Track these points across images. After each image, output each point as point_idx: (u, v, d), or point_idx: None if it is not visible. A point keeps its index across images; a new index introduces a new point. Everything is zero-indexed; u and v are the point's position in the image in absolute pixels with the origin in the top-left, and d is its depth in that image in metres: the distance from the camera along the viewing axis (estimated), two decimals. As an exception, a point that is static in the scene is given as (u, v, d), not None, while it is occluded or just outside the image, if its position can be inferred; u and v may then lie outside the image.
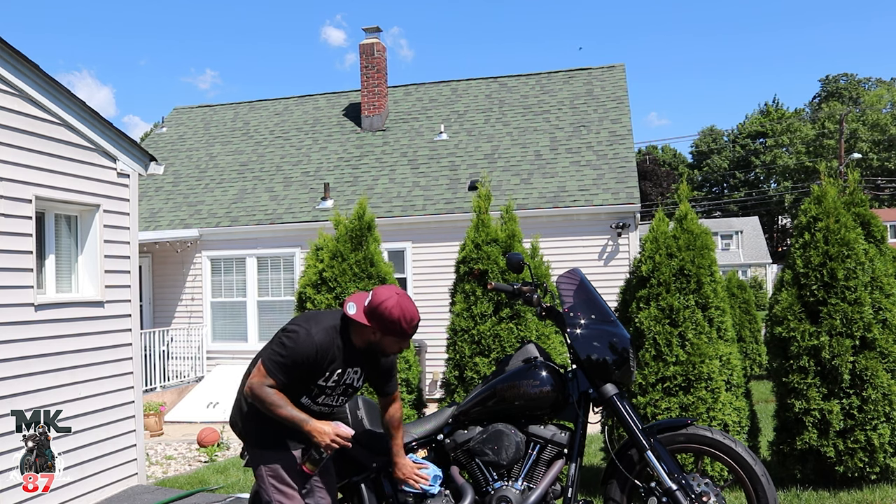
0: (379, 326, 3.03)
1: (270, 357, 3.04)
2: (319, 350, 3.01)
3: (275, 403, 3.02)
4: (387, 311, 3.00)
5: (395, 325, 3.02)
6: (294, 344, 3.00)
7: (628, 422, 3.38)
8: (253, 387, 3.04)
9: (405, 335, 3.08)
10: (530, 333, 5.20)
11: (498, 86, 16.46)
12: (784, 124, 63.04)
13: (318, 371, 3.06)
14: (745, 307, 13.69)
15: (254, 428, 3.20)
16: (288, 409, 3.02)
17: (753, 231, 52.09)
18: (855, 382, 5.08)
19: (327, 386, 3.13)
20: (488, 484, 3.44)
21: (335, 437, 3.03)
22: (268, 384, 3.03)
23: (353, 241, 5.42)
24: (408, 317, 3.03)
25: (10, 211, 5.35)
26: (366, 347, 3.16)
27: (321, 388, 3.13)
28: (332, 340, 3.06)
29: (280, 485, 3.14)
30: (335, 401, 3.23)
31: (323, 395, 3.16)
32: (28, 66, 5.51)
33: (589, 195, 12.33)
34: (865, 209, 5.99)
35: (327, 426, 3.04)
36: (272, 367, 3.02)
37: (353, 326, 3.11)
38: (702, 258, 5.19)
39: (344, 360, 3.11)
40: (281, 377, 3.02)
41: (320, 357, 3.02)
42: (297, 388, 3.10)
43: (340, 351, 3.09)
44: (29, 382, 5.39)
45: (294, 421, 3.02)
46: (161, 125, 18.42)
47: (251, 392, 3.05)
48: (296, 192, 14.10)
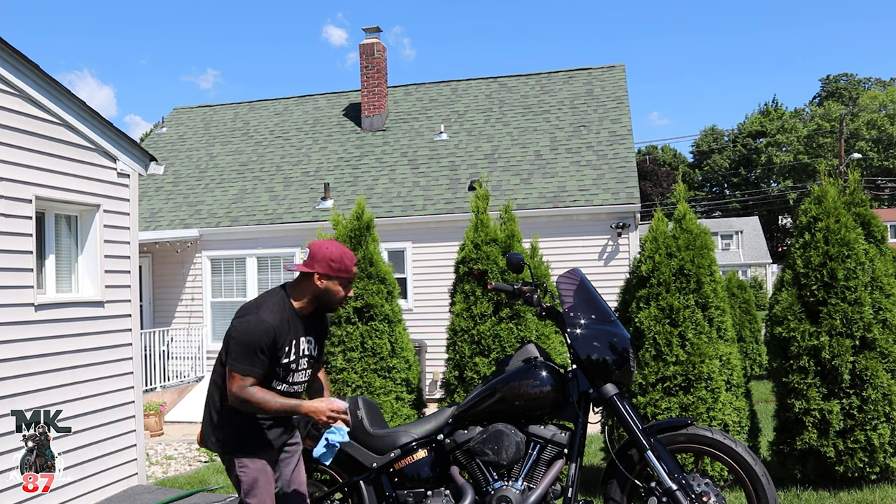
0: (321, 269, 3.14)
1: (235, 359, 3.06)
2: (274, 329, 3.06)
3: (264, 400, 3.04)
4: (326, 250, 3.16)
5: (336, 262, 3.15)
6: (248, 333, 3.04)
7: (628, 422, 3.38)
8: (235, 394, 3.05)
9: (347, 271, 3.18)
10: (530, 333, 5.20)
11: (498, 86, 16.46)
12: (779, 123, 63.09)
13: (279, 351, 3.12)
14: (745, 307, 13.70)
15: (231, 435, 3.22)
16: (278, 401, 3.06)
17: (753, 231, 52.08)
18: (855, 382, 5.08)
19: (291, 362, 3.19)
20: (488, 484, 3.44)
21: (330, 413, 3.09)
22: (248, 385, 3.04)
23: (352, 241, 5.42)
24: (347, 254, 3.19)
25: (10, 211, 5.35)
26: (312, 311, 3.25)
27: (287, 366, 3.19)
28: (281, 316, 3.12)
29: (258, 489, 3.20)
30: (304, 376, 3.30)
31: (290, 373, 3.22)
32: (28, 66, 5.51)
33: (589, 195, 12.33)
34: (865, 209, 5.99)
35: (321, 403, 3.11)
36: (242, 367, 3.04)
37: (297, 289, 3.21)
38: (701, 258, 5.19)
39: (296, 332, 3.19)
40: (256, 370, 3.06)
41: (277, 336, 3.08)
42: (268, 377, 3.15)
43: (291, 324, 3.16)
44: (29, 382, 5.39)
45: (288, 409, 3.08)
46: (161, 125, 18.41)
47: (236, 400, 3.05)
48: (296, 192, 14.11)
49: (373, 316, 5.26)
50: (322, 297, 3.20)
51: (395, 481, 3.62)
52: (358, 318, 5.27)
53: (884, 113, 59.03)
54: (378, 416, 3.81)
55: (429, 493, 3.55)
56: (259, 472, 3.21)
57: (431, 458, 3.61)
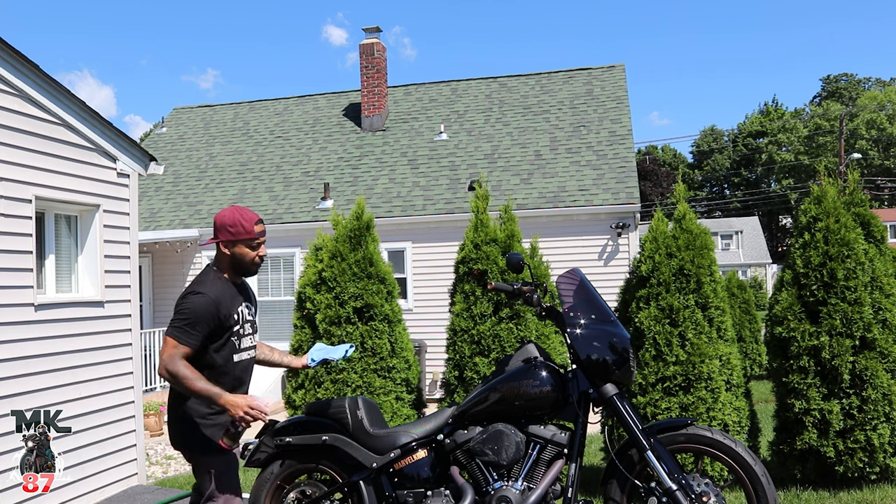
0: (223, 237, 3.26)
1: (174, 327, 3.12)
2: (217, 301, 3.18)
3: (188, 377, 3.04)
4: (223, 218, 3.27)
5: (233, 226, 3.24)
6: (195, 306, 3.13)
7: (628, 422, 3.38)
8: (165, 362, 3.07)
9: (247, 232, 3.25)
10: (530, 333, 5.20)
11: (498, 86, 16.46)
12: (779, 123, 63.10)
13: (229, 319, 3.23)
14: (745, 307, 13.70)
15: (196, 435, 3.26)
16: (202, 383, 3.05)
17: (753, 231, 52.08)
18: (855, 382, 5.08)
19: (240, 328, 3.31)
20: (488, 484, 3.44)
21: (248, 410, 3.03)
22: (181, 353, 3.08)
23: (352, 241, 5.42)
24: (245, 215, 3.27)
25: (10, 211, 5.35)
26: (239, 280, 3.39)
27: (238, 333, 3.30)
28: (220, 288, 3.24)
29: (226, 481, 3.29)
30: (251, 341, 3.42)
31: (241, 339, 3.33)
32: (28, 66, 5.51)
33: (589, 195, 12.33)
34: (865, 209, 5.99)
35: (240, 399, 3.05)
36: (180, 334, 3.10)
37: (218, 262, 3.34)
38: (701, 258, 5.19)
39: (237, 300, 3.32)
40: (191, 340, 3.10)
41: (221, 307, 3.18)
42: (227, 348, 3.23)
43: (229, 294, 3.28)
44: (29, 382, 5.39)
45: (208, 395, 3.05)
46: (161, 125, 18.42)
47: (165, 369, 3.07)
48: (296, 192, 14.11)
49: (373, 316, 5.26)
50: (236, 263, 3.31)
51: (394, 481, 3.62)
52: (358, 318, 5.27)
53: (883, 113, 59.04)
54: (378, 416, 3.81)
55: (429, 493, 3.55)
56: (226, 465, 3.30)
57: (431, 458, 3.60)
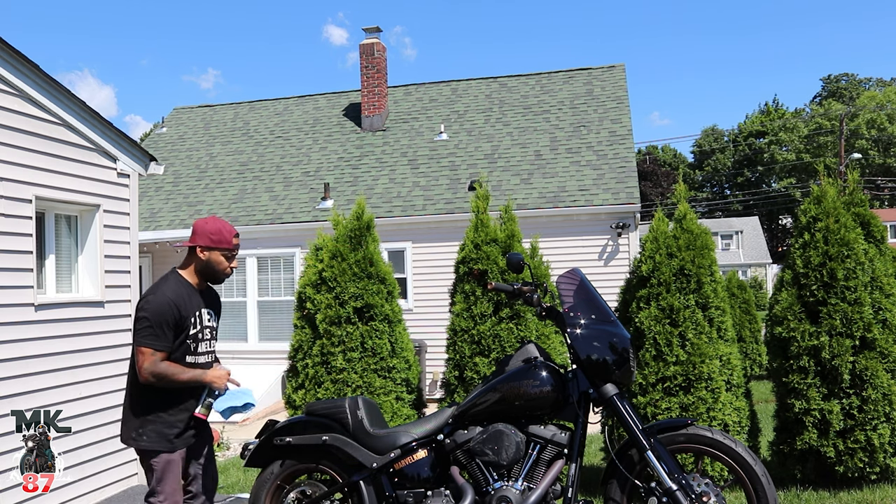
0: (202, 242, 3.43)
1: (143, 336, 3.28)
2: (175, 302, 3.34)
3: (174, 373, 3.31)
4: (206, 225, 3.46)
5: (215, 234, 3.44)
6: (154, 311, 3.28)
7: (628, 422, 3.38)
8: (148, 370, 3.26)
9: (226, 242, 3.45)
10: (530, 333, 5.20)
11: (498, 86, 16.46)
12: (780, 122, 63.12)
13: (185, 321, 3.39)
14: (745, 307, 13.70)
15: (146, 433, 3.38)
16: (187, 373, 3.35)
17: (753, 231, 52.08)
18: (855, 382, 5.08)
19: (197, 332, 3.46)
20: (488, 484, 3.44)
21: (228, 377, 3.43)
22: (159, 359, 3.28)
23: (352, 241, 5.42)
24: (227, 227, 3.48)
25: (10, 211, 5.35)
26: (204, 286, 3.56)
27: (195, 337, 3.46)
28: (180, 291, 3.41)
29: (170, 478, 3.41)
30: (209, 346, 3.57)
31: (198, 343, 3.48)
32: (28, 66, 5.51)
33: (589, 195, 12.33)
34: (865, 209, 5.99)
35: (219, 370, 3.44)
36: (152, 341, 3.28)
37: (186, 266, 3.50)
38: (702, 258, 5.19)
39: (197, 304, 3.48)
40: (164, 344, 3.30)
41: (181, 309, 3.36)
42: (180, 350, 3.38)
43: (190, 298, 3.45)
44: (29, 382, 5.39)
45: (195, 379, 3.36)
46: (161, 125, 18.42)
47: (150, 375, 3.26)
48: (296, 192, 14.11)
49: (373, 316, 5.26)
50: (207, 268, 3.47)
51: (395, 481, 3.62)
52: (358, 318, 5.27)
53: (883, 112, 59.04)
54: (378, 416, 3.82)
55: (429, 493, 3.55)
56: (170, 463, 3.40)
57: (431, 458, 3.61)
